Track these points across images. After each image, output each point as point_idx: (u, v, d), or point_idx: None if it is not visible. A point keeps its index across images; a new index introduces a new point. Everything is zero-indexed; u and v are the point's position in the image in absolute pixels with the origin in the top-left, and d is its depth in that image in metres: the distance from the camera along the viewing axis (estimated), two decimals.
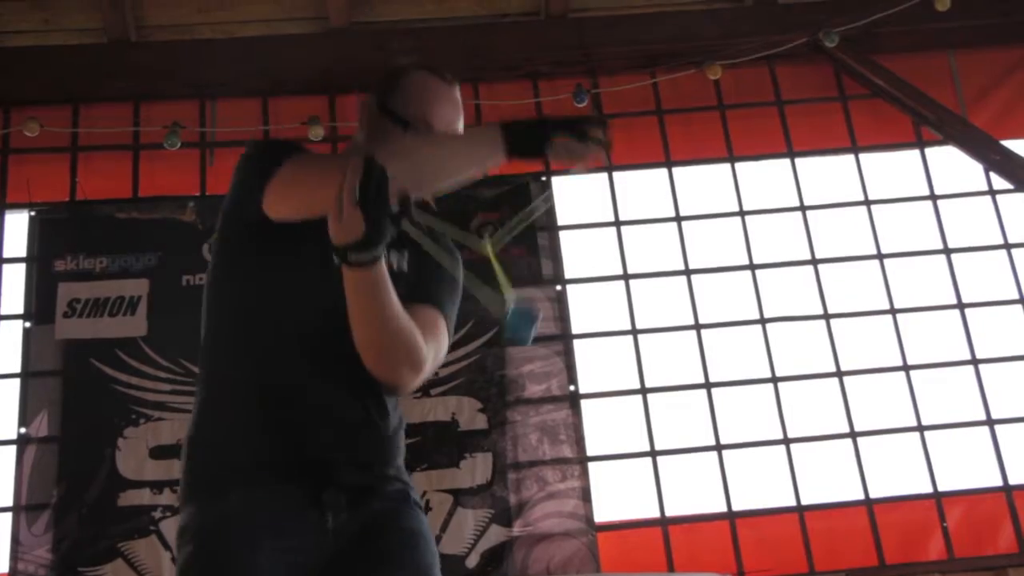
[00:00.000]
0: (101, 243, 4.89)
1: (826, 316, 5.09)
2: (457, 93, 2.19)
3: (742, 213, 5.27)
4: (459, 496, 4.61)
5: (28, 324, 4.79)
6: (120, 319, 4.76)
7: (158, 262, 4.87)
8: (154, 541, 4.48)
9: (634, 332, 5.04)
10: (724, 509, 4.78)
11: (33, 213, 4.97)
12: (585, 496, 4.66)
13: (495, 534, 4.57)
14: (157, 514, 4.51)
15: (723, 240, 5.26)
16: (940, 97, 5.32)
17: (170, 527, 4.48)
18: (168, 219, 4.95)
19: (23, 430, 4.64)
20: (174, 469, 4.54)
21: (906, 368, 5.02)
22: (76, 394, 4.67)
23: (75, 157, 5.17)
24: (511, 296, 1.92)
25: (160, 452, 4.59)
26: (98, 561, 4.44)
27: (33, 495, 4.53)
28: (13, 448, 4.63)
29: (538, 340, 4.83)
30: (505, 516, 4.60)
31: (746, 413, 4.95)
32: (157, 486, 4.55)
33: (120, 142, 5.20)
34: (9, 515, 4.53)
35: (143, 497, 4.54)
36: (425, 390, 4.75)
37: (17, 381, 4.73)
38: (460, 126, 2.18)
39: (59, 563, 4.43)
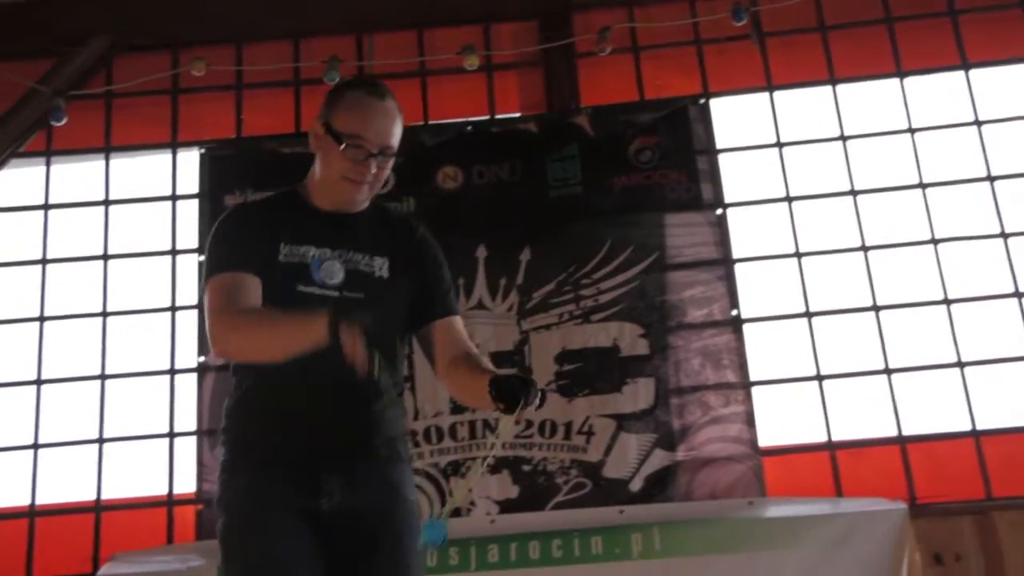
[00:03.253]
0: (268, 178, 4.96)
1: (1004, 235, 4.87)
2: (390, 104, 2.35)
3: (911, 130, 5.06)
4: (622, 421, 4.61)
5: (202, 258, 4.96)
6: None
7: None
8: None
9: (798, 255, 4.92)
10: (895, 433, 4.65)
11: (203, 151, 5.14)
12: (749, 420, 4.61)
13: (659, 458, 4.57)
14: None
15: (891, 159, 5.07)
16: None
17: None
18: None
19: (202, 359, 4.85)
20: None
21: None
22: None
23: (240, 95, 5.32)
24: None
25: None
26: None
27: (214, 420, 4.70)
28: (194, 376, 4.85)
29: (699, 264, 4.80)
30: (668, 440, 4.59)
31: (916, 336, 4.80)
32: None
33: (282, 79, 5.31)
34: (194, 439, 4.76)
35: None
36: (586, 316, 4.75)
37: (194, 312, 4.93)
38: (394, 133, 2.34)
39: None
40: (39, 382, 4.90)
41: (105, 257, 5.09)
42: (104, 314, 5.00)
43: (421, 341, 2.48)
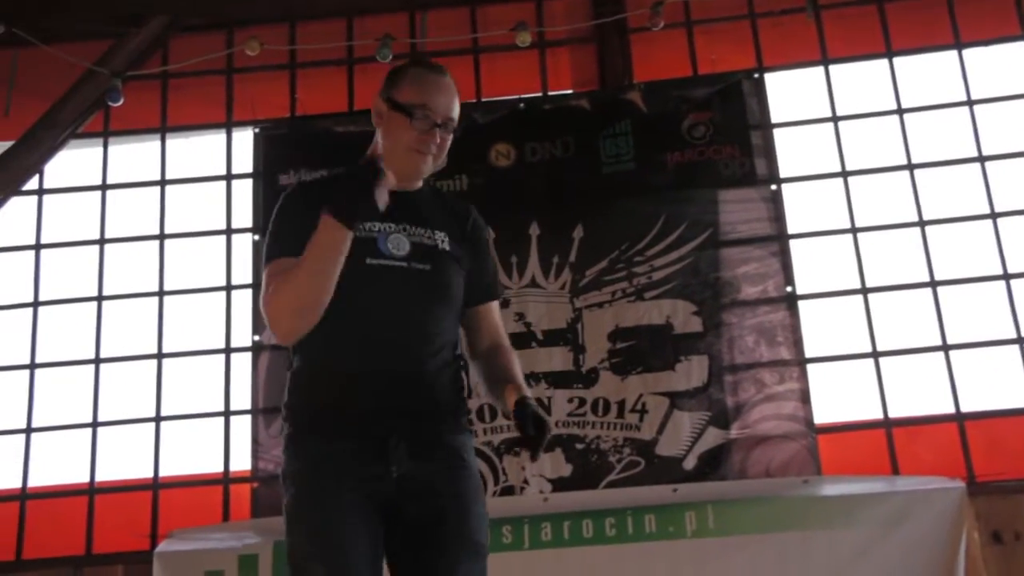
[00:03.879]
0: (321, 157, 5.01)
1: None
2: (450, 80, 2.44)
3: (970, 103, 4.97)
4: (675, 399, 4.60)
5: (257, 237, 5.01)
6: None
7: None
8: None
9: (853, 231, 4.87)
10: (952, 411, 4.59)
11: (257, 130, 5.18)
12: (804, 398, 4.57)
13: (712, 436, 4.55)
14: None
15: (949, 132, 4.99)
16: None
17: None
18: None
19: (256, 338, 4.89)
20: None
21: None
22: None
23: (294, 74, 5.34)
24: None
25: None
26: None
27: (268, 398, 4.76)
28: (248, 355, 4.90)
29: (753, 241, 4.76)
30: (722, 418, 4.57)
31: (975, 312, 4.73)
32: None
33: (335, 57, 5.33)
34: (248, 417, 4.81)
35: None
36: (639, 294, 4.74)
37: (249, 291, 4.98)
38: (456, 107, 2.42)
39: None
40: (97, 361, 4.98)
41: (161, 237, 5.15)
42: (160, 293, 5.06)
43: (462, 321, 2.54)
